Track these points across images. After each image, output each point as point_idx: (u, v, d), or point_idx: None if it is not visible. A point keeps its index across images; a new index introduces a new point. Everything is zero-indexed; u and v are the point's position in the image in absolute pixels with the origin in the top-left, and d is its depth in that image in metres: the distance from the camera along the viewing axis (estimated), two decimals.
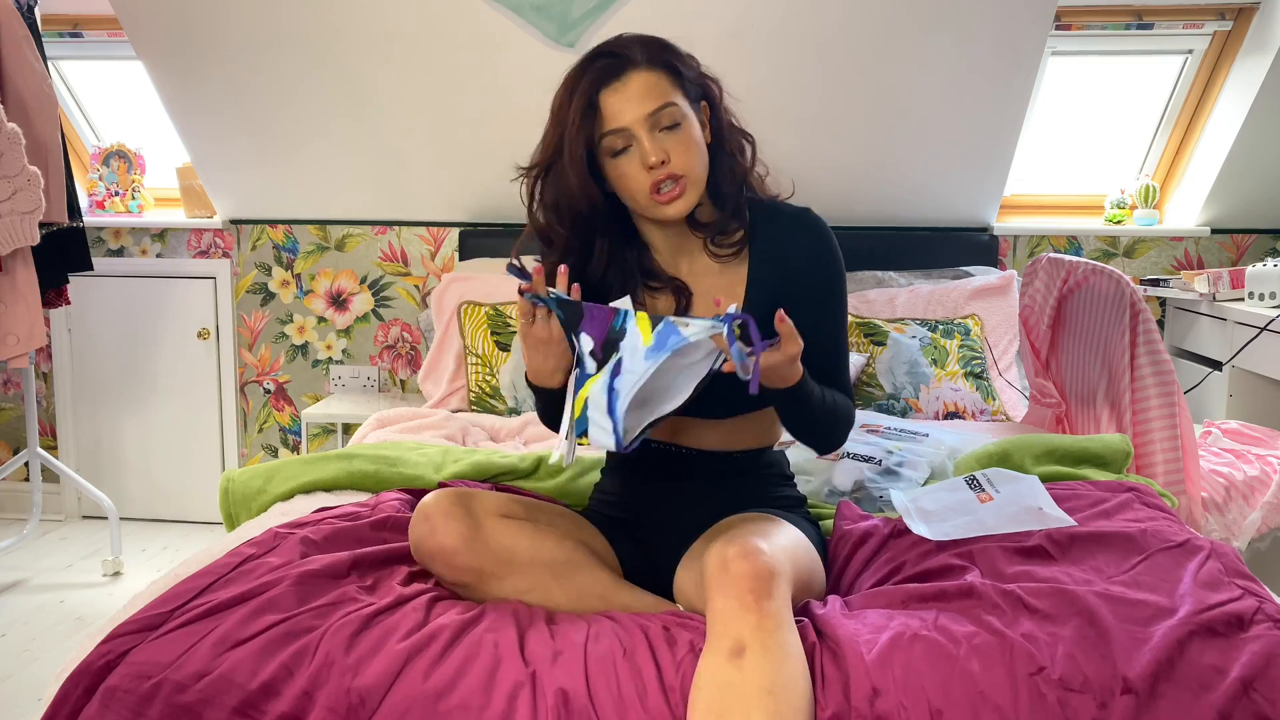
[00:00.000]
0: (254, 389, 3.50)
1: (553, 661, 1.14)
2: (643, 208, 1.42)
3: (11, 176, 2.53)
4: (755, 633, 1.08)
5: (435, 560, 1.32)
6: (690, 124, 1.41)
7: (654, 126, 1.38)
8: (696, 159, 1.41)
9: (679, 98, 1.41)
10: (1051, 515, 1.49)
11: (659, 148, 1.37)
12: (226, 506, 1.83)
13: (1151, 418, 2.06)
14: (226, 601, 1.23)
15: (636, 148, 1.38)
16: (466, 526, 1.32)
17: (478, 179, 3.15)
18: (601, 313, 1.31)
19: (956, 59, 2.76)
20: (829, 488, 1.89)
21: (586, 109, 1.38)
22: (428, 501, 1.35)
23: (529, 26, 2.74)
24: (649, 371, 1.26)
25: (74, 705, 1.13)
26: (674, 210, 1.40)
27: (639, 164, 1.38)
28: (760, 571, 1.13)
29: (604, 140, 1.39)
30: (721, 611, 1.11)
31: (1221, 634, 1.15)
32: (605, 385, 1.28)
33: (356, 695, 1.10)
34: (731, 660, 1.06)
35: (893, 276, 3.02)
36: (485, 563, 1.31)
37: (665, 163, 1.37)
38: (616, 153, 1.40)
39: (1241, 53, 2.90)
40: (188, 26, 2.84)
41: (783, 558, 1.20)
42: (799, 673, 1.08)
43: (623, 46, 1.41)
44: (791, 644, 1.10)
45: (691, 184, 1.40)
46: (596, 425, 1.29)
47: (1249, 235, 3.19)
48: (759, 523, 1.34)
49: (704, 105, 1.47)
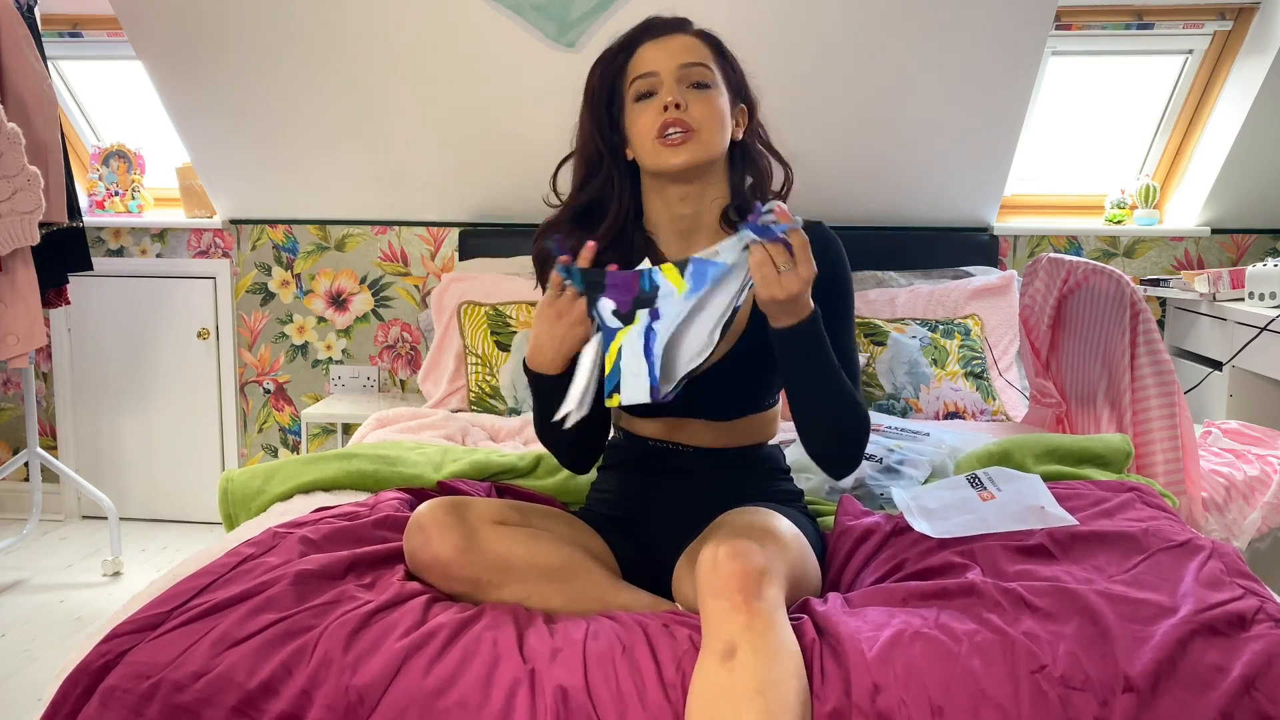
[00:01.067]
0: (254, 389, 3.50)
1: (551, 659, 1.14)
2: (648, 153, 1.43)
3: (11, 176, 2.53)
4: (746, 633, 1.08)
5: (431, 571, 1.32)
6: (719, 94, 1.45)
7: (682, 80, 1.42)
8: (715, 123, 1.43)
9: (715, 70, 1.45)
10: (1053, 514, 1.49)
11: (681, 94, 1.40)
12: (226, 506, 1.83)
13: (1151, 418, 2.05)
14: (225, 601, 1.22)
15: (659, 93, 1.41)
16: (461, 536, 1.31)
17: (478, 179, 3.14)
18: (624, 278, 1.31)
19: (956, 59, 2.76)
20: (830, 485, 1.89)
21: (620, 51, 1.45)
22: (422, 512, 1.34)
23: (529, 26, 2.74)
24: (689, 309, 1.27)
25: (73, 705, 1.12)
26: (676, 158, 1.40)
27: (656, 107, 1.41)
28: (750, 571, 1.12)
29: (633, 84, 1.44)
30: (713, 613, 1.11)
31: (1223, 633, 1.14)
32: (642, 329, 1.29)
33: (355, 694, 1.09)
34: (723, 662, 1.06)
35: (893, 276, 3.02)
36: (481, 572, 1.30)
37: (681, 108, 1.40)
38: (641, 96, 1.43)
39: (1241, 53, 2.90)
40: (187, 26, 2.84)
41: (774, 556, 1.20)
42: (791, 671, 1.07)
43: (681, 19, 1.49)
44: (784, 642, 1.09)
45: (700, 141, 1.41)
46: (631, 374, 1.28)
47: (1249, 235, 3.19)
48: (754, 518, 1.33)
49: (742, 108, 1.51)
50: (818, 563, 1.43)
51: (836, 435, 1.42)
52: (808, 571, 1.35)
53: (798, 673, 1.08)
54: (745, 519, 1.33)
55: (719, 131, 1.43)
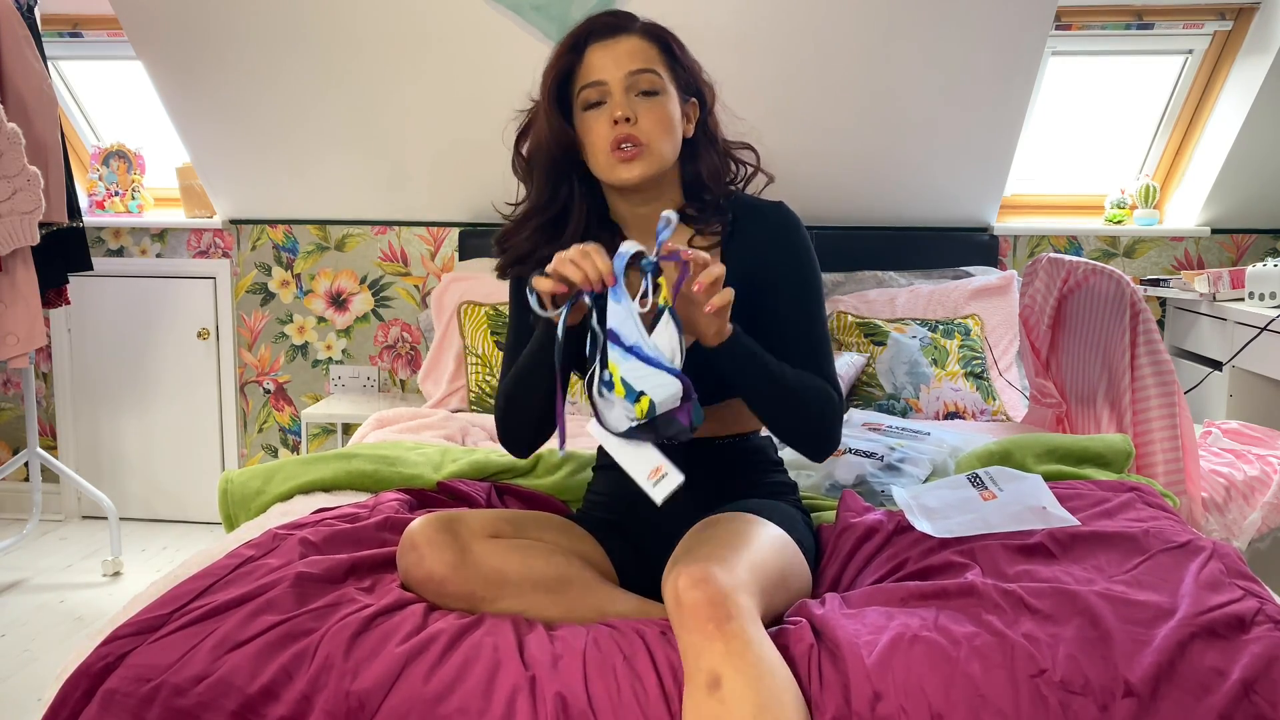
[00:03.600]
0: (254, 389, 3.50)
1: (552, 666, 1.14)
2: (602, 167, 1.44)
3: (11, 176, 2.53)
4: (726, 658, 1.05)
5: (425, 589, 1.30)
6: (668, 99, 1.44)
7: (631, 88, 1.42)
8: (664, 133, 1.43)
9: (664, 73, 1.44)
10: (1055, 514, 1.49)
11: (630, 106, 1.40)
12: (225, 507, 1.83)
13: (1152, 418, 2.05)
14: (226, 603, 1.22)
15: (609, 104, 1.41)
16: (454, 553, 1.29)
17: (478, 179, 3.14)
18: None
19: (956, 59, 2.76)
20: (830, 482, 1.88)
21: (569, 50, 1.44)
22: (413, 530, 1.32)
23: (529, 26, 2.74)
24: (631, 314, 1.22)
25: (73, 708, 1.12)
26: (628, 172, 1.41)
27: (607, 119, 1.41)
28: (714, 598, 1.09)
29: (581, 93, 1.43)
30: (688, 647, 1.09)
31: (1223, 635, 1.14)
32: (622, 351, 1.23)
33: (355, 699, 1.09)
34: (711, 693, 1.04)
35: (893, 276, 3.02)
36: (476, 587, 1.29)
37: (631, 121, 1.40)
38: (589, 105, 1.43)
39: (1241, 53, 2.90)
40: (187, 26, 2.84)
41: (741, 572, 1.17)
42: (781, 686, 1.06)
43: (628, 14, 1.47)
44: (767, 658, 1.07)
45: (651, 154, 1.42)
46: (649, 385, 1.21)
47: (1249, 235, 3.19)
48: (724, 528, 1.31)
49: (693, 102, 1.50)
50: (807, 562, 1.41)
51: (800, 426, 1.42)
52: (791, 573, 1.33)
53: (788, 686, 1.06)
54: (712, 532, 1.30)
55: (669, 141, 1.44)
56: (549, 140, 1.46)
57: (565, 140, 1.45)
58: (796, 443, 1.45)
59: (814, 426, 1.42)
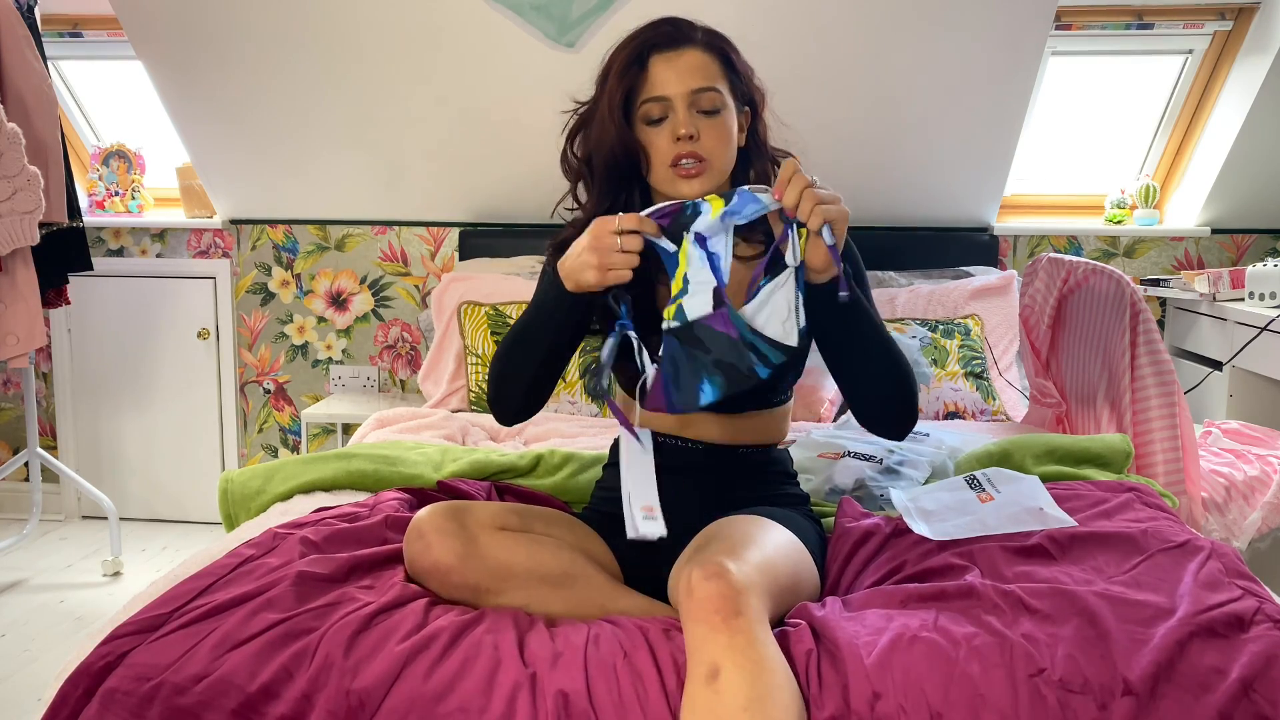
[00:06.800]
0: (254, 389, 3.50)
1: (553, 663, 1.14)
2: (661, 180, 1.45)
3: (11, 176, 2.53)
4: (727, 652, 1.06)
5: (431, 578, 1.31)
6: (729, 115, 1.45)
7: (694, 105, 1.43)
8: (725, 150, 1.44)
9: (725, 88, 1.45)
10: (1053, 515, 1.49)
11: (693, 124, 1.41)
12: (225, 507, 1.83)
13: (1151, 418, 2.05)
14: (226, 603, 1.22)
15: (671, 119, 1.42)
16: (461, 543, 1.30)
17: (478, 179, 3.14)
18: (671, 209, 1.34)
19: (956, 58, 2.76)
20: (830, 485, 1.88)
21: (633, 63, 1.43)
22: (421, 518, 1.33)
23: (529, 26, 2.74)
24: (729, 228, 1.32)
25: (73, 707, 1.12)
26: (689, 188, 1.42)
27: (669, 135, 1.42)
28: (725, 591, 1.10)
29: (643, 106, 1.44)
30: (693, 637, 1.10)
31: (1222, 635, 1.14)
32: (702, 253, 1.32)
33: (356, 697, 1.09)
34: (709, 684, 1.05)
35: (893, 276, 3.02)
36: (481, 579, 1.30)
37: (694, 139, 1.41)
38: (652, 121, 1.44)
39: (1241, 53, 2.90)
40: (187, 26, 2.84)
41: (752, 570, 1.17)
42: (778, 683, 1.06)
43: (688, 23, 1.47)
44: (768, 655, 1.08)
45: (712, 170, 1.43)
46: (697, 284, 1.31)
47: (1249, 235, 3.19)
48: (736, 529, 1.31)
49: (746, 111, 1.51)
50: (816, 569, 1.42)
51: (894, 394, 1.44)
52: (801, 579, 1.34)
53: (785, 684, 1.07)
54: (728, 530, 1.31)
55: (728, 155, 1.46)
56: (616, 149, 1.45)
57: (633, 151, 1.45)
58: (885, 408, 1.45)
59: (906, 390, 1.44)
